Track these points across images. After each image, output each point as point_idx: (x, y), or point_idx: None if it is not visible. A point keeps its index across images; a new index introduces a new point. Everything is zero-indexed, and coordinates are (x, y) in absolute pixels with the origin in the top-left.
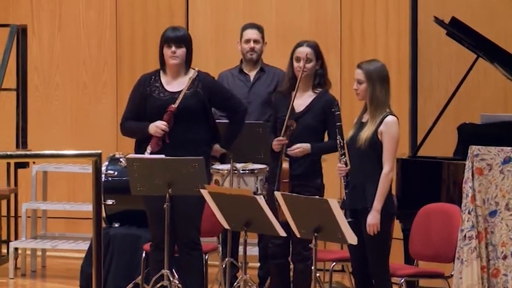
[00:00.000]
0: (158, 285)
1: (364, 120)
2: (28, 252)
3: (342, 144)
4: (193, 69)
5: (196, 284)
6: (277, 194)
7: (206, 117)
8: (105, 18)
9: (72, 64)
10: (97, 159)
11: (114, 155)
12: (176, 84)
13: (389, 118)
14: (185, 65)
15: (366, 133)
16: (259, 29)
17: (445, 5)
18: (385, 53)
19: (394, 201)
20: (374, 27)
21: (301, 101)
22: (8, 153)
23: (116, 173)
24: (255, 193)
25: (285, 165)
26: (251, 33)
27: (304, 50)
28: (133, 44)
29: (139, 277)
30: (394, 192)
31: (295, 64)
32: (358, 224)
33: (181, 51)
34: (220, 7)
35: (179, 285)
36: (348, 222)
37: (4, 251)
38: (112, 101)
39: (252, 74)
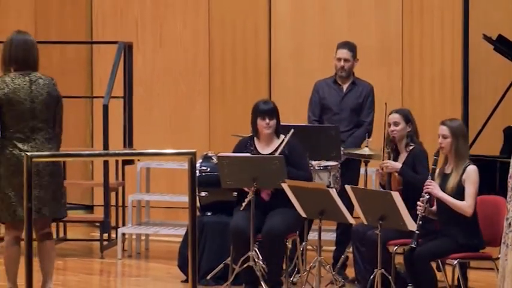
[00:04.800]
0: (245, 265)
1: (447, 171)
2: (134, 237)
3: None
4: (283, 135)
5: (279, 266)
6: (348, 188)
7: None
8: (199, 36)
9: (171, 76)
10: (192, 157)
11: (207, 154)
12: (268, 149)
13: (471, 167)
14: (275, 132)
15: (451, 183)
16: (350, 48)
17: (492, 24)
18: (440, 66)
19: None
20: (431, 43)
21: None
22: (117, 152)
23: (208, 169)
24: (328, 186)
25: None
26: (341, 53)
27: (392, 117)
28: (224, 58)
29: (229, 258)
30: None
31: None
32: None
33: (273, 122)
34: (298, 24)
35: (263, 266)
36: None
37: (113, 236)
38: (205, 108)
39: (345, 86)
